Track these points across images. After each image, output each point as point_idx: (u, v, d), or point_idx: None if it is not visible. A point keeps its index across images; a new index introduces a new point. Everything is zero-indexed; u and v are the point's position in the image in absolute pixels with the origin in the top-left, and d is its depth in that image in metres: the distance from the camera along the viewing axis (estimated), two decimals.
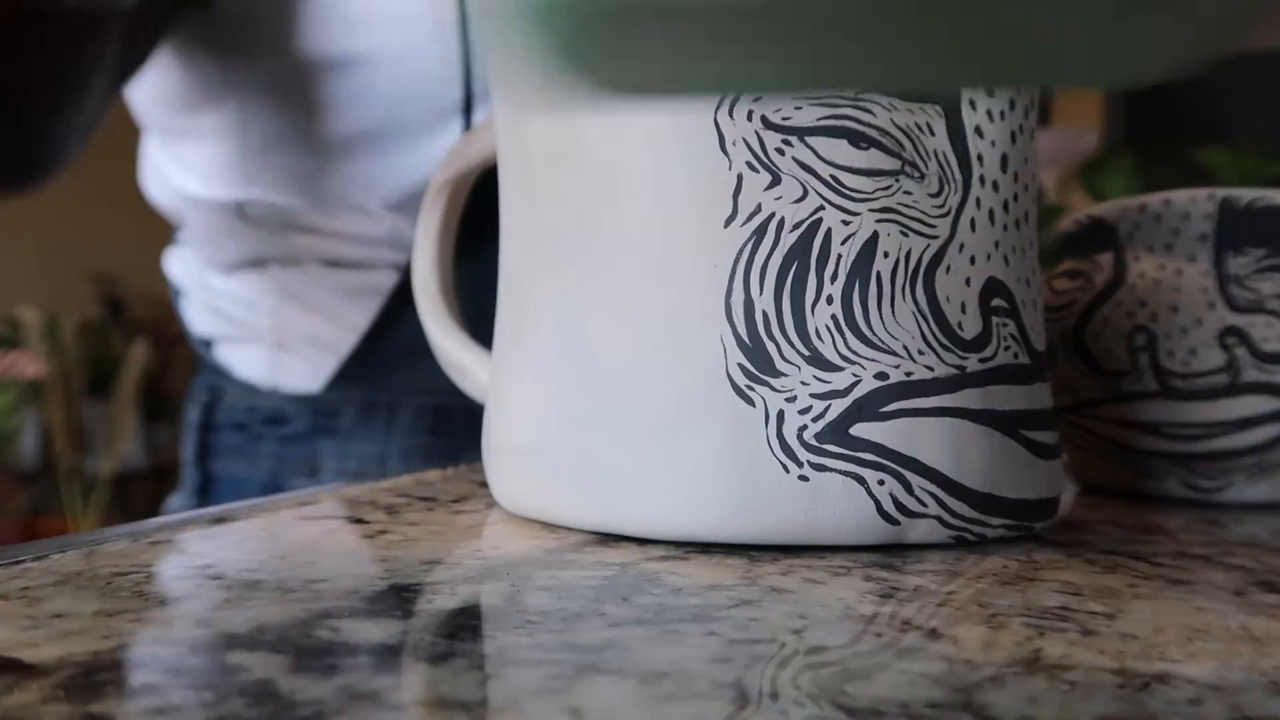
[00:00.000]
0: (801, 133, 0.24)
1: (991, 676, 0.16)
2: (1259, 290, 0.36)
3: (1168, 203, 0.37)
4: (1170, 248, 0.37)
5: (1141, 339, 0.37)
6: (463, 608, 0.19)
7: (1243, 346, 0.36)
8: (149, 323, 2.79)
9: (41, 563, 0.21)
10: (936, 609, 0.20)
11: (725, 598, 0.20)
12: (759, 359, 0.24)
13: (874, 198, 0.24)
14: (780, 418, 0.24)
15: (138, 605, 0.18)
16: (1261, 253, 0.36)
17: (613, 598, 0.20)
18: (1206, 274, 0.37)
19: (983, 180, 0.26)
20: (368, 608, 0.18)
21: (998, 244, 0.26)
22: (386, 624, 0.17)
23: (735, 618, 0.18)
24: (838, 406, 0.24)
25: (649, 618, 0.18)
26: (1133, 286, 0.37)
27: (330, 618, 0.18)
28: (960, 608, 0.20)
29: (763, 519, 0.24)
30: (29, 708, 0.13)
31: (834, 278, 0.24)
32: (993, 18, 0.09)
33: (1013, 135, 0.26)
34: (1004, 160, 0.26)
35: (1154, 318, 0.37)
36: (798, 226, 0.24)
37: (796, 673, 0.16)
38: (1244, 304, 0.36)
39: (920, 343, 0.25)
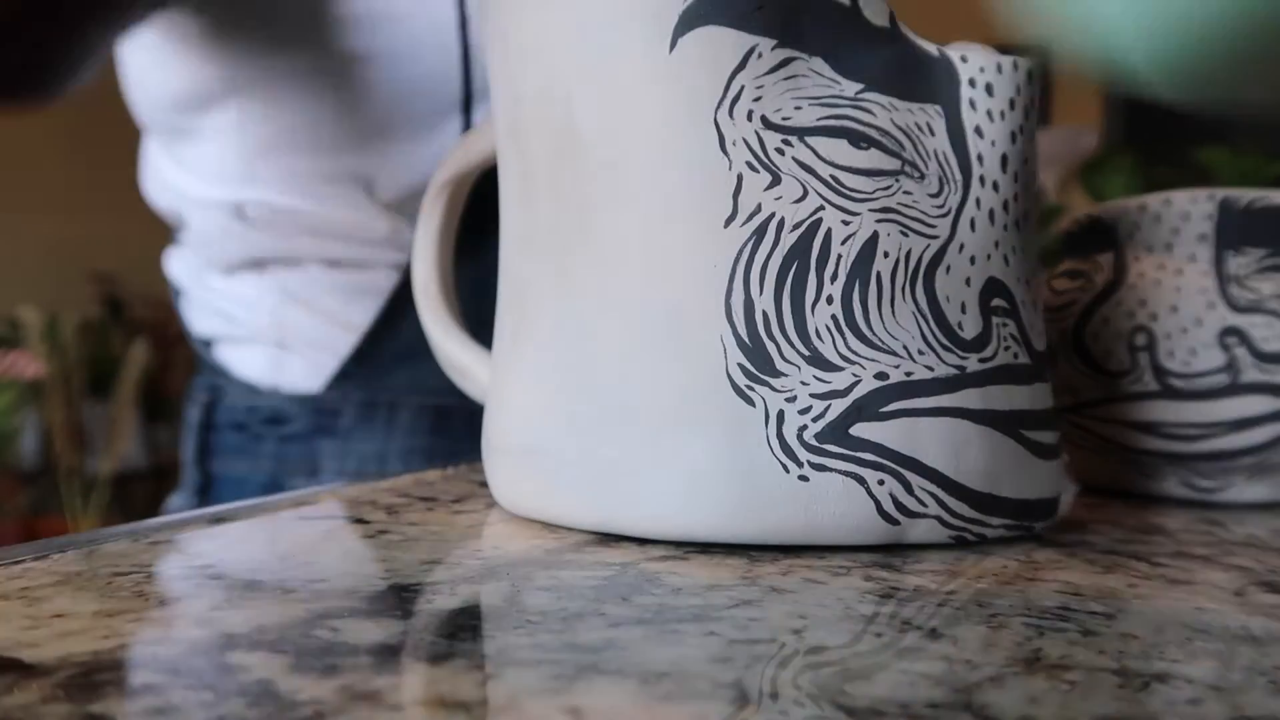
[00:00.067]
0: (801, 133, 0.24)
1: (991, 676, 0.16)
2: (1259, 290, 0.36)
3: (1168, 203, 0.37)
4: (1170, 248, 0.37)
5: (1141, 339, 0.37)
6: (463, 608, 0.19)
7: (1243, 346, 0.36)
8: (149, 323, 2.78)
9: (41, 563, 0.21)
10: (936, 609, 0.20)
11: (725, 598, 0.20)
12: (759, 359, 0.24)
13: (874, 198, 0.24)
14: (780, 418, 0.24)
15: (138, 605, 0.18)
16: (1261, 253, 0.36)
17: (613, 598, 0.20)
18: (1206, 274, 0.37)
19: (983, 180, 0.26)
20: (368, 608, 0.18)
21: (998, 244, 0.26)
22: (386, 624, 0.17)
23: (735, 618, 0.18)
24: (838, 406, 0.24)
25: (649, 618, 0.18)
26: (1133, 286, 0.37)
27: (330, 618, 0.18)
28: (960, 608, 0.20)
29: (763, 519, 0.24)
30: (29, 708, 0.13)
31: (834, 278, 0.24)
32: None
33: (1013, 135, 0.26)
34: (1004, 160, 0.26)
35: (1154, 318, 0.37)
36: (798, 226, 0.24)
37: (796, 673, 0.16)
38: (1244, 304, 0.36)
39: (920, 343, 0.25)
